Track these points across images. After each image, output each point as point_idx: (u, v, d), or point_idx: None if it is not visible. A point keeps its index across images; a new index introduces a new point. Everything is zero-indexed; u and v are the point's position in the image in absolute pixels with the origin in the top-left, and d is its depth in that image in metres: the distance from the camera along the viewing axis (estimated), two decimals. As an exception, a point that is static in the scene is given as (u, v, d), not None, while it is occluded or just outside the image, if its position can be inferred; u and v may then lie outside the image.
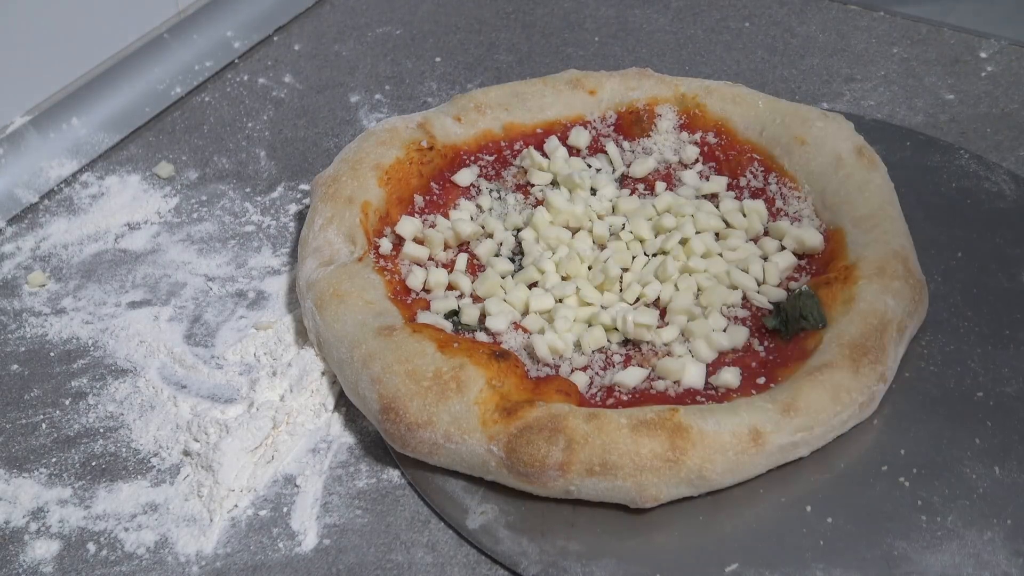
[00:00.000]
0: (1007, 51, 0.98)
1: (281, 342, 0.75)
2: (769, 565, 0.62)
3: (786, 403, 0.65)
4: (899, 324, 0.69)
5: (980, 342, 0.73)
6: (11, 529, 0.66)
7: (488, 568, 0.63)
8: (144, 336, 0.77)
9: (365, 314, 0.70)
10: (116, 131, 0.93)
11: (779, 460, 0.65)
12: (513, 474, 0.64)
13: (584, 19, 1.06)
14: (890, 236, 0.74)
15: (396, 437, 0.66)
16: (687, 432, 0.63)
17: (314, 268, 0.74)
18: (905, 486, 0.65)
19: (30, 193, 0.88)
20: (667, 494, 0.63)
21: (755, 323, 0.73)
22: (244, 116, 0.96)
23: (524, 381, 0.67)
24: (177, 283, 0.81)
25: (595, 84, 0.86)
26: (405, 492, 0.67)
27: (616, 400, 0.68)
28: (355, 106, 0.97)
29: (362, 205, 0.77)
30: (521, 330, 0.72)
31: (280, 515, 0.66)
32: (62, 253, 0.84)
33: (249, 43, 1.03)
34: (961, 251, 0.79)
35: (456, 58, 1.02)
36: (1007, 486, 0.65)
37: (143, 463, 0.69)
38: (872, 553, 0.62)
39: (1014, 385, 0.70)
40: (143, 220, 0.86)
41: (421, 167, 0.81)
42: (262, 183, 0.89)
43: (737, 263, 0.75)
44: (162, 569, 0.64)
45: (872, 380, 0.67)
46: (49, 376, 0.75)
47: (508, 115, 0.85)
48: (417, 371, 0.66)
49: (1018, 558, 0.62)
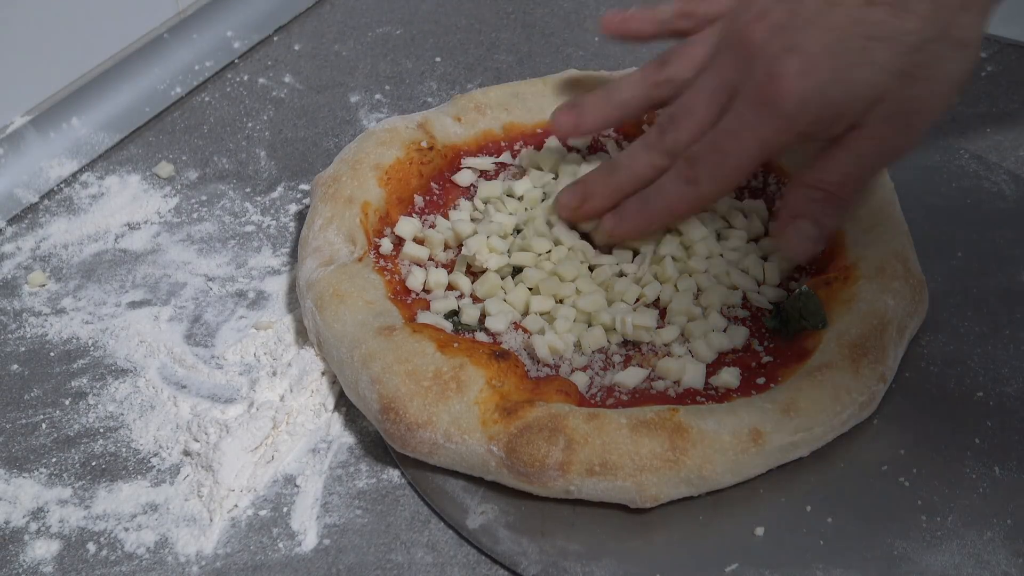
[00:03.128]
0: (1007, 51, 0.98)
1: (281, 342, 0.75)
2: (769, 565, 0.62)
3: (786, 403, 0.65)
4: (899, 324, 0.69)
5: (980, 342, 0.73)
6: (11, 529, 0.66)
7: (488, 568, 0.63)
8: (144, 336, 0.77)
9: (365, 314, 0.70)
10: (116, 131, 0.93)
11: (779, 460, 0.65)
12: (513, 474, 0.64)
13: (584, 19, 1.06)
14: (890, 236, 0.74)
15: (396, 437, 0.66)
16: (687, 432, 0.63)
17: (314, 268, 0.74)
18: (905, 486, 0.65)
19: (30, 193, 0.88)
20: (667, 494, 0.63)
21: (755, 323, 0.73)
22: (244, 116, 0.96)
23: (524, 381, 0.67)
24: (177, 283, 0.81)
25: (595, 84, 0.86)
26: (405, 492, 0.67)
27: (616, 400, 0.68)
28: (355, 106, 0.97)
29: (362, 205, 0.77)
30: (521, 330, 0.72)
31: (280, 515, 0.66)
32: (62, 253, 0.84)
33: (249, 43, 1.03)
34: (961, 251, 0.79)
35: (456, 58, 1.02)
36: (1007, 486, 0.65)
37: (143, 463, 0.69)
38: (872, 553, 0.62)
39: (1014, 385, 0.70)
40: (143, 220, 0.86)
41: (421, 167, 0.81)
42: (262, 183, 0.89)
43: (737, 263, 0.75)
44: (162, 569, 0.64)
45: (872, 380, 0.67)
46: (49, 376, 0.75)
47: (508, 115, 0.85)
48: (417, 371, 0.66)
49: (1018, 558, 0.62)
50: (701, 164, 0.69)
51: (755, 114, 0.66)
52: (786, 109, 0.65)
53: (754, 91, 0.66)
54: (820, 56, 0.64)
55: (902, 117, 0.65)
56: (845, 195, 0.68)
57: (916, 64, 0.63)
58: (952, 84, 0.65)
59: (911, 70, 0.63)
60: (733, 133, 0.67)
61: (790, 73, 0.64)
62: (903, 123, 0.65)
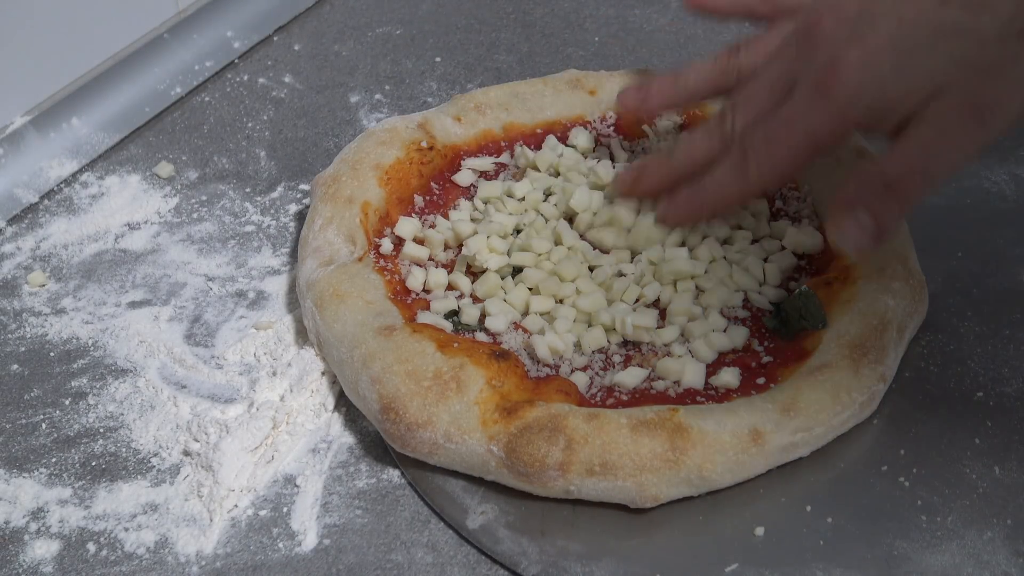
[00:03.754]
0: (1007, 51, 0.98)
1: (281, 342, 0.75)
2: (769, 565, 0.62)
3: (786, 403, 0.65)
4: (899, 324, 0.69)
5: (980, 342, 0.73)
6: (11, 529, 0.66)
7: (488, 568, 0.63)
8: (144, 336, 0.77)
9: (365, 314, 0.70)
10: (116, 131, 0.93)
11: (779, 460, 0.65)
12: (513, 474, 0.64)
13: (584, 19, 1.06)
14: (890, 236, 0.74)
15: (396, 437, 0.66)
16: (687, 432, 0.63)
17: (314, 268, 0.74)
18: (905, 486, 0.65)
19: (30, 193, 0.88)
20: (667, 494, 0.63)
21: (755, 323, 0.73)
22: (244, 116, 0.96)
23: (524, 381, 0.67)
24: (177, 283, 0.81)
25: (595, 84, 0.86)
26: (405, 492, 0.67)
27: (616, 400, 0.68)
28: (355, 106, 0.97)
29: (362, 205, 0.77)
30: (521, 330, 0.72)
31: (280, 515, 0.66)
32: (62, 253, 0.84)
33: (249, 43, 1.03)
34: (961, 251, 0.79)
35: (456, 58, 1.02)
36: (1007, 486, 0.65)
37: (143, 463, 0.69)
38: (872, 553, 0.62)
39: (1014, 385, 0.70)
40: (143, 220, 0.86)
41: (421, 167, 0.81)
42: (262, 183, 0.89)
43: (737, 263, 0.75)
44: (162, 569, 0.64)
45: (872, 380, 0.67)
46: (49, 376, 0.75)
47: (508, 115, 0.85)
48: (417, 371, 0.66)
49: (1018, 558, 0.62)
50: (752, 153, 0.68)
51: (809, 103, 0.65)
52: (839, 99, 0.64)
53: (812, 79, 0.65)
54: (883, 48, 0.63)
55: (970, 111, 0.63)
56: (907, 189, 0.65)
57: (988, 59, 0.62)
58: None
59: (982, 64, 0.62)
60: (786, 122, 0.66)
61: (850, 63, 0.63)
62: (971, 117, 0.63)
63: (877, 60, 0.63)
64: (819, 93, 0.65)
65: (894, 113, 0.64)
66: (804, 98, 0.66)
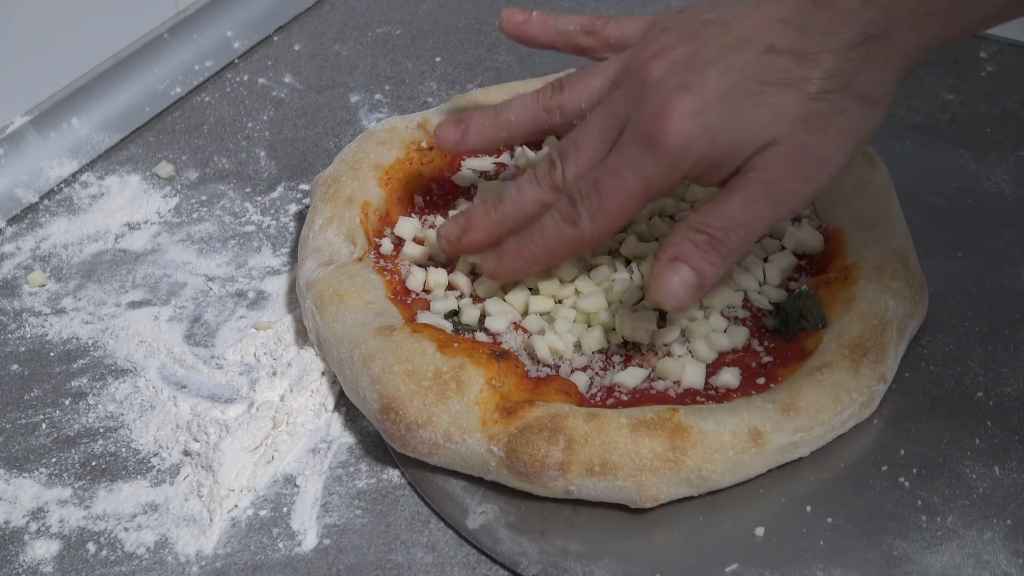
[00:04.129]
0: (1007, 51, 0.98)
1: (281, 342, 0.75)
2: (769, 565, 0.62)
3: (786, 403, 0.65)
4: (899, 324, 0.69)
5: (980, 342, 0.73)
6: (11, 529, 0.66)
7: (488, 568, 0.63)
8: (144, 336, 0.77)
9: (365, 314, 0.70)
10: (116, 131, 0.93)
11: (779, 460, 0.65)
12: (513, 474, 0.64)
13: (584, 19, 1.06)
14: (890, 236, 0.74)
15: (396, 437, 0.66)
16: (687, 432, 0.63)
17: (314, 268, 0.74)
18: (905, 486, 0.65)
19: (30, 193, 0.88)
20: (667, 494, 0.63)
21: (755, 323, 0.73)
22: (244, 116, 0.96)
23: (524, 381, 0.68)
24: (177, 283, 0.81)
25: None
26: (405, 492, 0.67)
27: (616, 400, 0.68)
28: (355, 106, 0.97)
29: (362, 205, 0.77)
30: (521, 330, 0.72)
31: (280, 515, 0.66)
32: (62, 253, 0.84)
33: (249, 43, 1.03)
34: (961, 251, 0.79)
35: (456, 58, 1.02)
36: (1007, 486, 0.65)
37: (143, 463, 0.69)
38: (872, 553, 0.62)
39: (1014, 385, 0.70)
40: (143, 220, 0.86)
41: (421, 167, 0.81)
42: (262, 183, 0.89)
43: (737, 263, 0.75)
44: (162, 569, 0.64)
45: (872, 380, 0.67)
46: (49, 376, 0.75)
47: (508, 115, 0.85)
48: (417, 371, 0.66)
49: (1018, 558, 0.62)
50: (581, 203, 0.65)
51: (639, 152, 0.63)
52: (670, 148, 0.62)
53: (640, 128, 0.63)
54: (713, 97, 0.61)
55: (796, 165, 0.62)
56: (729, 243, 0.63)
57: (815, 113, 0.61)
58: (855, 138, 0.63)
59: (809, 118, 0.61)
60: (615, 171, 0.64)
61: (679, 111, 0.61)
62: (797, 171, 0.62)
63: (707, 109, 0.62)
64: (648, 141, 0.63)
65: (724, 166, 0.63)
66: (633, 146, 0.63)
